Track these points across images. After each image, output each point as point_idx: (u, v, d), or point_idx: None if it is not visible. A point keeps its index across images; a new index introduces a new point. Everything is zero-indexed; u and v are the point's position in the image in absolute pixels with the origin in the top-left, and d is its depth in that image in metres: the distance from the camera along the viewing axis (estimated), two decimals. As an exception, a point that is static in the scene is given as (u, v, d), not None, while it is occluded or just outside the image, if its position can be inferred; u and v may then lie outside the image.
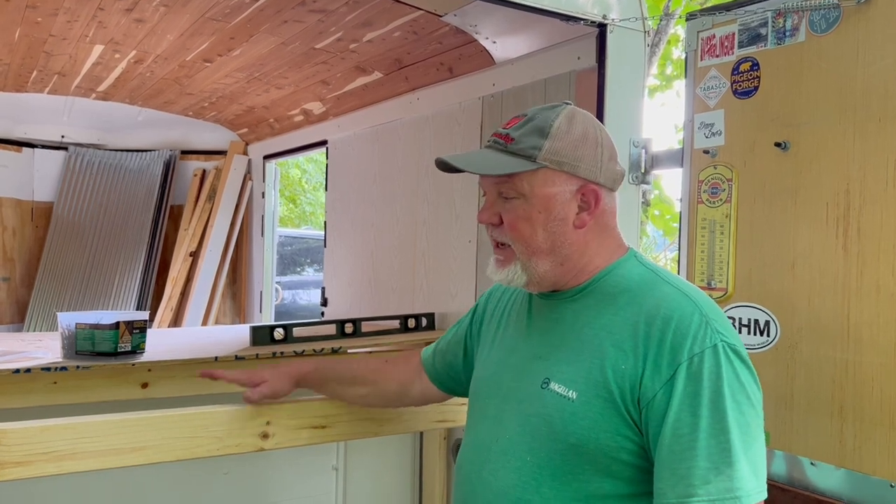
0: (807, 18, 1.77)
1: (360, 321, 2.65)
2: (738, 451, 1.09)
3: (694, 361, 1.13)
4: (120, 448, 1.50)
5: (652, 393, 1.14)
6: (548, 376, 1.24)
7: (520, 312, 1.41)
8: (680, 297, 1.20)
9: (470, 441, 1.37)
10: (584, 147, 1.26)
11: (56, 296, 4.54)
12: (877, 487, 1.61)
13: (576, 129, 1.27)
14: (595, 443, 1.17)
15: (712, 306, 1.21)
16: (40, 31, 3.00)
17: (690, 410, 1.11)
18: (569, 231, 1.27)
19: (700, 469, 1.09)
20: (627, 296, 1.24)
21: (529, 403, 1.26)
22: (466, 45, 2.70)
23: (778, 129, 1.81)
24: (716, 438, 1.10)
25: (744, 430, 1.10)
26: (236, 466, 2.42)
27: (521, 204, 1.26)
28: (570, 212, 1.27)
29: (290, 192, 11.82)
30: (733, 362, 1.14)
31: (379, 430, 1.81)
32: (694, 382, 1.12)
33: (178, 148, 4.82)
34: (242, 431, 1.62)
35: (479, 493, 1.29)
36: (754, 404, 1.14)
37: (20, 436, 1.42)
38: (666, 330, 1.16)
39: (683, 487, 1.09)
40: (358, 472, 2.67)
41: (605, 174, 1.29)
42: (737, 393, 1.12)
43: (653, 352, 1.15)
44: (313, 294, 7.18)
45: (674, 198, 7.08)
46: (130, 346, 2.09)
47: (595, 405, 1.18)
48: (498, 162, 1.27)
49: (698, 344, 1.13)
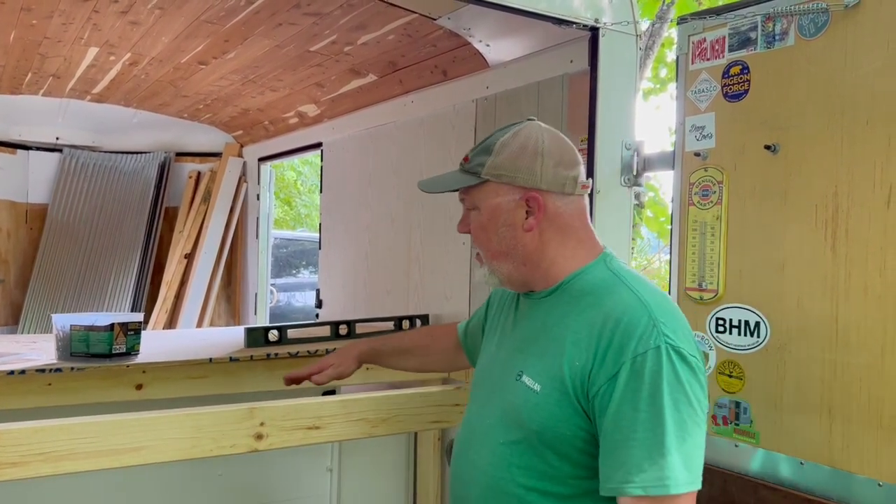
0: (796, 23, 1.79)
1: (354, 323, 2.66)
2: (672, 445, 1.19)
3: (637, 360, 1.23)
4: (115, 449, 1.51)
5: (598, 387, 1.26)
6: (522, 369, 1.39)
7: (510, 310, 1.56)
8: (634, 300, 1.31)
9: (464, 424, 1.54)
10: (521, 159, 1.40)
11: (50, 298, 4.54)
12: (865, 486, 1.63)
13: (516, 143, 1.41)
14: (554, 431, 1.31)
15: (666, 311, 1.30)
16: (35, 33, 3.01)
17: (631, 405, 1.22)
18: (519, 235, 1.41)
19: (636, 458, 1.20)
20: (590, 298, 1.36)
21: (507, 392, 1.40)
22: (460, 48, 2.71)
23: (767, 132, 1.83)
24: (652, 432, 1.20)
25: (679, 426, 1.21)
26: (230, 467, 2.43)
27: (477, 215, 1.45)
28: (518, 218, 1.40)
29: (284, 195, 11.82)
30: (675, 363, 1.23)
31: (373, 431, 1.82)
32: (635, 379, 1.23)
33: (172, 150, 4.83)
34: (236, 432, 1.63)
35: (466, 471, 1.47)
36: (692, 403, 1.23)
37: (15, 437, 1.43)
38: (616, 330, 1.27)
39: (622, 474, 1.21)
40: (352, 472, 2.68)
41: (547, 181, 1.40)
42: (675, 391, 1.22)
43: (602, 349, 1.27)
44: (308, 296, 7.18)
45: (668, 199, 7.11)
46: (125, 348, 2.10)
47: (553, 398, 1.31)
48: (453, 180, 1.47)
49: (643, 344, 1.24)
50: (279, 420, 1.68)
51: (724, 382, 1.91)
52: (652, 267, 8.28)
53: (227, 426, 1.62)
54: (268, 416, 1.67)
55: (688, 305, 2.00)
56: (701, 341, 1.97)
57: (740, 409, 1.87)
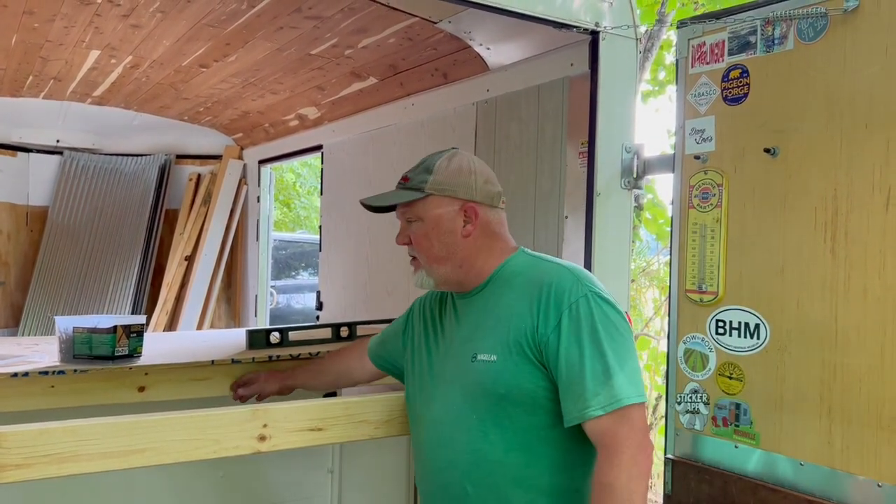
0: (795, 27, 1.80)
1: (355, 325, 2.66)
2: (615, 368, 1.45)
3: (572, 308, 1.50)
4: (119, 450, 1.52)
5: (545, 337, 1.50)
6: (475, 351, 1.58)
7: (439, 317, 1.76)
8: (557, 267, 1.60)
9: (425, 418, 1.68)
10: (459, 176, 1.64)
11: (51, 300, 4.54)
12: (864, 487, 1.64)
13: (453, 164, 1.65)
14: (518, 389, 1.52)
15: (583, 272, 1.60)
16: (37, 36, 3.02)
17: (576, 344, 1.47)
18: (458, 240, 1.64)
19: (589, 386, 1.44)
20: (520, 278, 1.61)
21: (465, 375, 1.59)
22: (461, 52, 2.72)
23: (767, 136, 1.84)
24: (597, 360, 1.46)
25: (617, 352, 1.47)
26: (232, 468, 2.43)
27: (420, 225, 1.65)
28: (457, 226, 1.64)
29: (284, 197, 11.82)
30: (601, 305, 1.51)
31: (375, 433, 1.83)
32: (574, 323, 1.49)
33: (173, 152, 4.83)
34: (240, 434, 1.64)
35: (442, 457, 1.62)
36: (622, 332, 1.50)
37: (20, 438, 1.44)
38: (550, 291, 1.52)
39: (581, 403, 1.45)
40: (353, 474, 2.68)
41: (480, 194, 1.65)
42: (608, 326, 1.49)
43: (542, 308, 1.51)
44: (308, 298, 7.18)
45: (667, 202, 7.11)
46: (127, 350, 2.10)
47: (511, 359, 1.53)
48: (396, 196, 1.68)
49: (573, 295, 1.51)
50: (282, 422, 1.69)
51: (724, 384, 1.92)
52: (651, 269, 8.28)
53: (231, 428, 1.63)
54: (271, 418, 1.68)
55: (687, 307, 2.01)
56: (700, 343, 1.98)
57: (740, 411, 1.88)
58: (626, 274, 2.25)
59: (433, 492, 1.66)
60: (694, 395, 1.98)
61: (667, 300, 3.75)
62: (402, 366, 1.85)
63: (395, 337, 1.91)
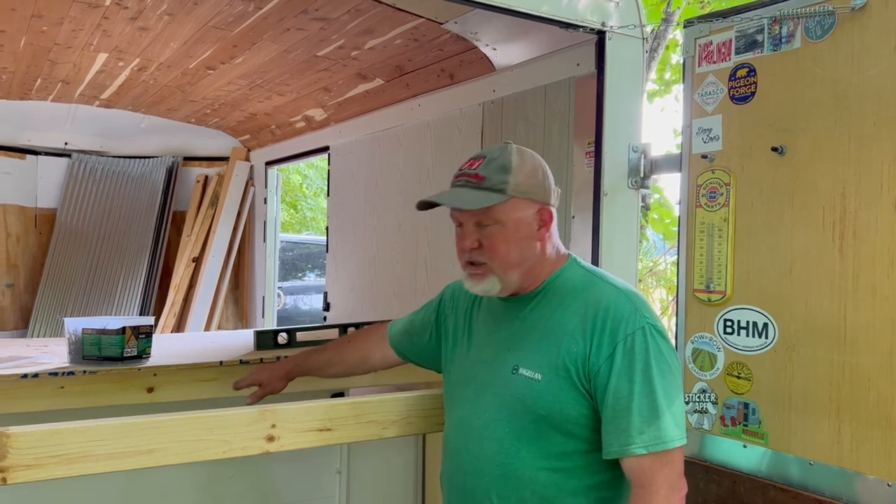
0: (802, 25, 1.79)
1: (363, 325, 2.67)
2: (664, 408, 1.41)
3: (628, 340, 1.45)
4: (128, 451, 1.52)
5: (597, 367, 1.46)
6: (517, 363, 1.53)
7: (485, 315, 1.68)
8: (615, 291, 1.53)
9: (454, 420, 1.65)
10: (535, 177, 1.56)
11: (59, 302, 4.56)
12: (874, 487, 1.63)
13: (526, 163, 1.56)
14: (560, 413, 1.48)
15: (640, 299, 1.53)
16: (45, 39, 3.03)
17: (627, 377, 1.43)
18: (534, 246, 1.56)
19: (636, 423, 1.41)
20: (574, 294, 1.55)
21: (503, 385, 1.54)
22: (467, 52, 2.73)
23: (774, 134, 1.84)
24: (646, 399, 1.42)
25: (667, 392, 1.43)
26: (240, 469, 2.44)
27: (498, 229, 1.53)
28: (534, 230, 1.56)
29: (290, 198, 11.84)
30: (657, 340, 1.46)
31: (383, 433, 1.83)
32: (628, 356, 1.44)
33: (180, 154, 4.85)
34: (248, 434, 1.64)
35: (467, 461, 1.58)
36: (673, 371, 1.47)
37: (31, 439, 1.44)
38: (606, 318, 1.47)
39: (624, 438, 1.41)
40: (361, 474, 2.68)
41: (552, 196, 1.58)
42: (661, 362, 1.44)
43: (597, 335, 1.47)
44: (315, 299, 7.20)
45: (673, 201, 7.10)
46: (136, 351, 2.11)
47: (556, 383, 1.48)
48: (476, 197, 1.53)
49: (630, 326, 1.46)
50: (290, 422, 1.69)
51: (732, 383, 1.92)
52: (658, 269, 8.27)
53: (239, 428, 1.63)
54: (279, 419, 1.68)
55: (695, 307, 2.01)
56: (708, 342, 1.97)
57: (749, 410, 1.88)
58: (634, 274, 2.25)
59: (457, 496, 1.63)
60: (702, 395, 1.98)
61: (674, 300, 3.75)
62: (429, 357, 1.83)
63: (423, 327, 1.86)
